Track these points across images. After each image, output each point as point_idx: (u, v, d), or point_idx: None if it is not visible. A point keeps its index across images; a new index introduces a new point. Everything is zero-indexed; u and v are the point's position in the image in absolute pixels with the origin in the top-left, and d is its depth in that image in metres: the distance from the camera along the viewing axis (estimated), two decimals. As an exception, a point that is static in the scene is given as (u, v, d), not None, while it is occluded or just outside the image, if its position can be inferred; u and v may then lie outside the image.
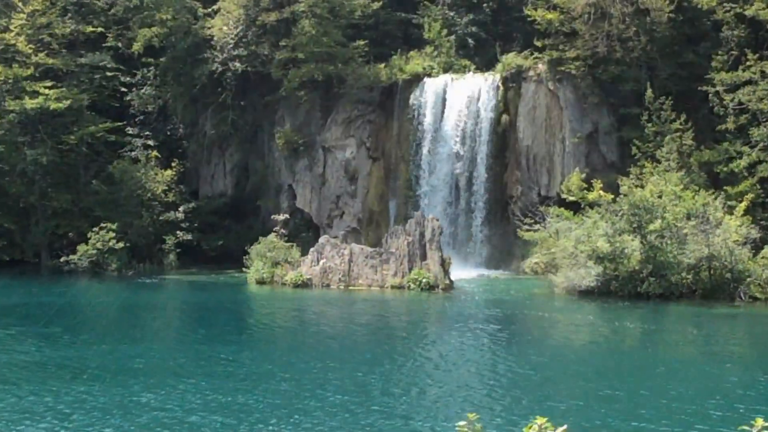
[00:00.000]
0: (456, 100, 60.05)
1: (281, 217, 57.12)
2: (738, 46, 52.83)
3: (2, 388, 25.06)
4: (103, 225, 58.52)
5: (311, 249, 51.67)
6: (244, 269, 53.78)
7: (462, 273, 53.85)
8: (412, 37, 65.81)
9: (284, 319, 42.02)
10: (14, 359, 29.71)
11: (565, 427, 9.58)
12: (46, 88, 59.49)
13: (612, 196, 47.76)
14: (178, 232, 62.00)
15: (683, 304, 43.70)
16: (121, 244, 58.15)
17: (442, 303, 45.35)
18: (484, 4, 64.82)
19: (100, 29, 64.85)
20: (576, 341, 35.32)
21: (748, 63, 51.19)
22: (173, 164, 64.12)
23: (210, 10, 66.28)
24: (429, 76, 61.47)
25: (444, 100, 60.45)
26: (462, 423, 9.97)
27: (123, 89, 66.41)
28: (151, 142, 65.85)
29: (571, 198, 51.31)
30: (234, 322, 40.42)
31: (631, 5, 54.86)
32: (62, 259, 59.11)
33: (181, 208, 63.15)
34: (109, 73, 64.19)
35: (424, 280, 48.21)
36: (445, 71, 61.73)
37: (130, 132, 66.08)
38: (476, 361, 30.22)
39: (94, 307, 46.74)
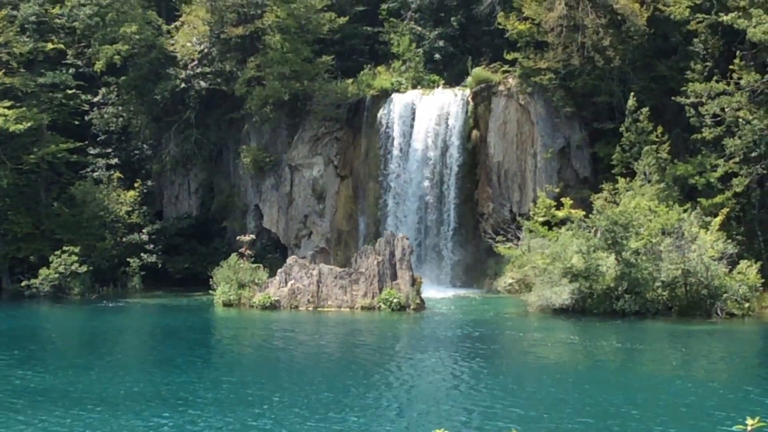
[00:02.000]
0: (425, 115, 59.15)
1: (247, 237, 55.87)
2: (711, 57, 52.29)
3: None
4: (65, 248, 57.03)
5: (279, 270, 50.57)
6: (210, 291, 52.58)
7: (433, 292, 52.93)
8: (379, 53, 64.96)
9: (258, 343, 40.97)
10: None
11: None
12: (5, 108, 57.94)
13: (583, 213, 47.06)
14: (142, 254, 60.71)
15: (660, 321, 43.22)
16: (83, 268, 56.70)
17: (416, 324, 44.41)
18: (452, 18, 63.98)
19: (60, 46, 63.40)
20: (560, 361, 34.53)
21: (731, 68, 50.60)
22: (136, 185, 62.88)
23: (173, 26, 65.07)
24: (397, 91, 60.62)
25: (413, 115, 59.55)
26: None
27: (84, 108, 64.91)
28: (113, 162, 64.44)
29: (541, 219, 50.53)
30: (208, 346, 39.65)
31: (605, 16, 54.16)
32: (23, 284, 57.55)
33: (145, 230, 61.93)
34: (69, 91, 62.70)
35: (394, 301, 47.20)
36: (414, 86, 60.87)
37: (92, 152, 64.66)
38: (460, 383, 29.39)
39: (62, 333, 45.79)
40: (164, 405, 25.72)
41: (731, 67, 50.91)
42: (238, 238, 57.05)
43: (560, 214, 48.26)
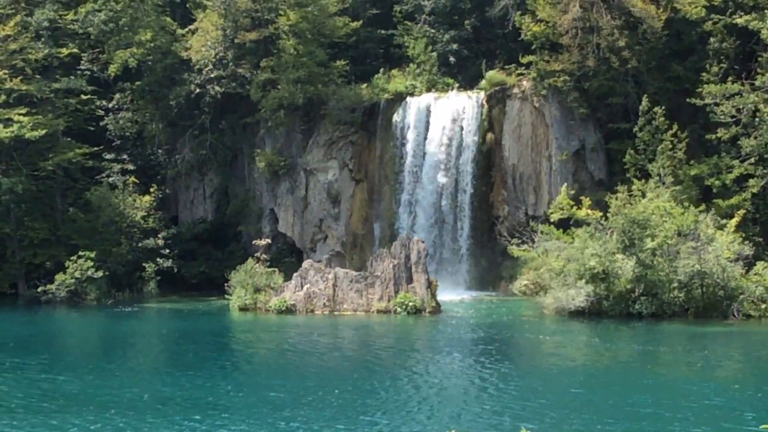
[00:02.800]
0: (440, 119, 59.18)
1: (263, 242, 56.02)
2: (726, 58, 52.17)
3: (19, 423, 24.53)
4: (81, 253, 57.12)
5: (294, 274, 50.68)
6: (226, 296, 52.69)
7: (449, 295, 52.90)
8: (393, 56, 64.98)
9: (278, 346, 40.88)
10: (19, 391, 29.12)
11: None
12: (20, 115, 58.05)
13: (600, 214, 47.02)
14: (158, 259, 60.68)
15: (676, 322, 43.20)
16: (99, 273, 56.74)
17: (433, 327, 44.37)
18: (466, 21, 64.01)
19: (74, 51, 63.56)
20: (583, 363, 34.46)
21: (756, 64, 50.51)
22: (152, 189, 62.80)
23: (187, 30, 65.18)
24: (412, 95, 60.58)
25: (427, 119, 59.55)
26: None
27: (99, 113, 65.04)
28: (128, 167, 64.51)
29: (560, 216, 50.32)
30: (228, 350, 39.72)
31: (619, 18, 54.08)
32: (40, 289, 57.50)
33: (160, 235, 61.87)
34: (84, 97, 62.83)
35: (410, 304, 47.22)
36: (428, 90, 60.83)
37: (108, 157, 64.61)
38: (486, 386, 29.40)
39: (82, 338, 45.98)
40: (193, 409, 25.83)
41: (757, 61, 50.78)
42: (253, 242, 57.24)
43: (581, 213, 48.17)
